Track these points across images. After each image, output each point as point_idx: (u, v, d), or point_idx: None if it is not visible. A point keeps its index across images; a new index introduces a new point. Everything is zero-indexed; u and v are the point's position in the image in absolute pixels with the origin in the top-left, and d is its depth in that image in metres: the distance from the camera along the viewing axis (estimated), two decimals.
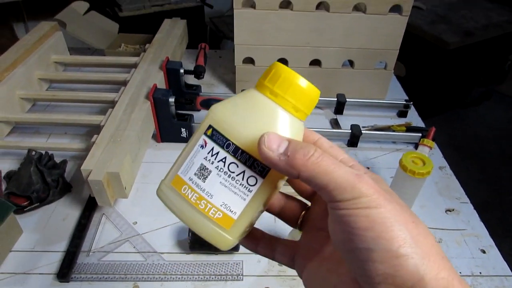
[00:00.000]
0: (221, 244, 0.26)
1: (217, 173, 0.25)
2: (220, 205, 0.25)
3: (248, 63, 1.02)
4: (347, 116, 1.01)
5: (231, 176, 0.25)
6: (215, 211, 0.25)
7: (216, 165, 0.25)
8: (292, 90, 0.25)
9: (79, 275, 0.63)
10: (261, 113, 0.25)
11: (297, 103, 0.25)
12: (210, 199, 0.25)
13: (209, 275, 0.64)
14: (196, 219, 0.25)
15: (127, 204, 0.76)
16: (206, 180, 0.25)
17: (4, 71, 0.89)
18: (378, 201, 0.21)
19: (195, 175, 0.25)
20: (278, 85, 0.25)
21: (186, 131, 0.89)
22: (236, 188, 0.25)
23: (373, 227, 0.21)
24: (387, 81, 1.04)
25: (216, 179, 0.25)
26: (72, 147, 0.82)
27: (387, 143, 0.93)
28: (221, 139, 0.25)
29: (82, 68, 1.14)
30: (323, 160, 0.22)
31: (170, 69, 0.93)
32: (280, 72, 0.25)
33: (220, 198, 0.25)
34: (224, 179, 0.25)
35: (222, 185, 0.25)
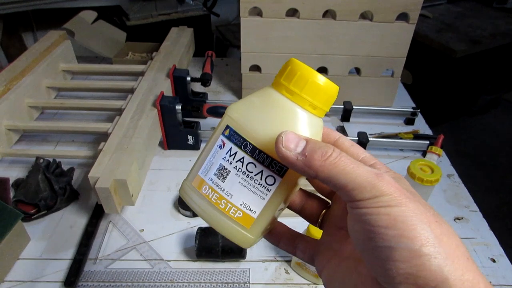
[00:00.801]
0: (242, 242, 0.26)
1: (236, 173, 0.25)
2: (240, 204, 0.25)
3: (254, 71, 1.03)
4: (354, 123, 1.01)
5: (249, 176, 0.25)
6: (235, 210, 0.25)
7: (235, 165, 0.25)
8: (308, 87, 0.24)
9: (86, 283, 0.63)
10: (278, 112, 0.25)
11: (314, 100, 0.25)
12: (230, 199, 0.25)
13: (216, 283, 0.64)
14: (217, 218, 0.26)
15: (133, 211, 0.76)
16: (225, 180, 0.25)
17: (13, 80, 0.90)
18: (400, 199, 0.21)
19: (215, 175, 0.26)
20: (294, 82, 0.24)
21: (192, 139, 0.89)
22: (255, 188, 0.25)
23: (394, 225, 0.20)
24: (394, 89, 1.04)
25: (235, 179, 0.25)
26: (79, 155, 0.82)
27: (394, 150, 0.92)
28: (239, 139, 0.25)
29: (90, 76, 1.15)
30: (341, 160, 0.22)
31: (177, 77, 0.94)
32: (296, 69, 0.24)
33: (240, 198, 0.25)
34: (243, 179, 0.25)
35: (241, 185, 0.25)
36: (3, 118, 0.83)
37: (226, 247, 0.64)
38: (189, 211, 0.74)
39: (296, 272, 0.66)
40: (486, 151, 2.21)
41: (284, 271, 0.66)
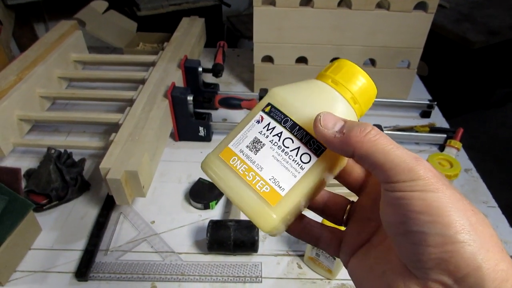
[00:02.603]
0: (263, 221, 0.24)
1: (271, 146, 0.24)
2: (269, 179, 0.24)
3: (267, 62, 1.01)
4: (368, 116, 0.99)
5: (284, 151, 0.24)
6: (262, 184, 0.24)
7: (271, 139, 0.24)
8: (353, 81, 0.25)
9: (97, 274, 0.63)
10: (321, 97, 0.25)
11: (356, 94, 0.25)
12: (259, 172, 0.24)
13: (227, 276, 0.63)
14: (240, 190, 0.24)
15: (144, 203, 0.75)
16: (258, 152, 0.24)
17: (24, 70, 0.90)
18: (437, 185, 0.20)
19: (247, 147, 0.25)
20: (340, 75, 0.25)
21: (204, 130, 0.88)
22: (288, 164, 0.24)
23: (429, 211, 0.20)
24: (410, 81, 1.01)
25: (269, 152, 0.24)
26: (90, 145, 0.82)
27: (410, 144, 0.90)
28: (279, 115, 0.25)
29: (101, 66, 1.14)
30: (381, 138, 0.22)
31: (188, 68, 0.93)
32: (343, 64, 0.26)
33: (270, 172, 0.24)
34: (277, 153, 0.24)
35: (274, 158, 0.24)
36: (15, 108, 0.83)
37: (238, 240, 0.63)
38: (200, 203, 0.73)
39: (309, 267, 0.64)
40: (502, 145, 2.16)
41: (296, 265, 0.65)
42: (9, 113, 0.81)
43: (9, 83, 0.85)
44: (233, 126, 0.94)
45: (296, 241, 0.68)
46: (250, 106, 0.84)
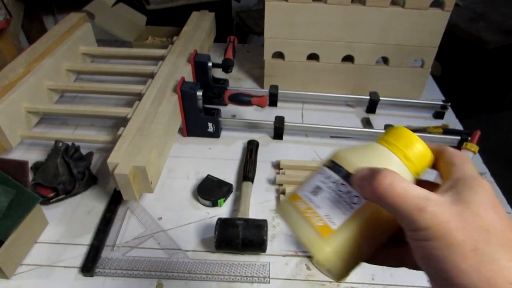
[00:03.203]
0: (316, 250, 0.27)
1: (328, 191, 0.28)
2: (324, 215, 0.28)
3: (277, 58, 0.99)
4: (380, 115, 0.97)
5: (338, 194, 0.28)
6: (318, 219, 0.28)
7: (329, 185, 0.29)
8: (404, 141, 0.28)
9: (103, 270, 0.62)
10: (374, 154, 0.29)
11: (406, 152, 0.28)
12: (317, 209, 0.28)
13: (234, 275, 0.62)
14: (300, 223, 0.28)
15: (152, 199, 0.74)
16: (317, 195, 0.29)
17: (33, 62, 0.89)
18: (437, 233, 0.22)
19: (310, 192, 0.29)
20: (391, 136, 0.29)
21: (213, 126, 0.87)
22: (340, 204, 0.28)
23: (428, 258, 0.22)
24: (423, 80, 0.99)
25: (326, 195, 0.28)
26: (98, 139, 0.81)
27: None
28: (337, 168, 0.29)
29: (110, 60, 1.13)
30: (393, 186, 0.23)
31: (198, 62, 0.91)
32: (396, 129, 0.29)
33: (326, 210, 0.28)
34: (332, 196, 0.28)
35: (329, 200, 0.28)
36: (23, 101, 0.82)
37: (247, 239, 0.62)
38: (208, 201, 0.72)
39: (318, 268, 0.63)
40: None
41: (305, 267, 0.64)
42: (17, 105, 0.81)
43: (18, 75, 0.84)
44: (243, 123, 0.92)
45: None
46: (260, 103, 0.83)
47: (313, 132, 0.89)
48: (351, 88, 1.01)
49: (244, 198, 0.71)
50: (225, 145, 0.87)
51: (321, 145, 0.88)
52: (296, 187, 0.31)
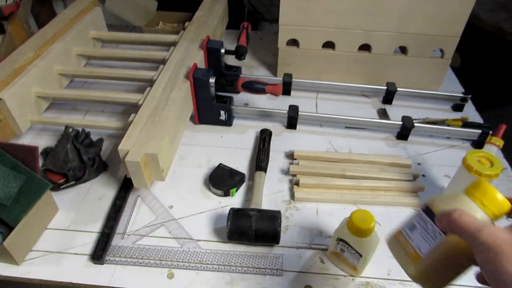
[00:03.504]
0: (407, 270, 0.39)
1: (420, 228, 0.39)
2: (415, 245, 0.39)
3: (292, 45, 0.97)
4: (396, 106, 0.95)
5: (426, 231, 0.38)
6: (411, 248, 0.39)
7: (421, 224, 0.39)
8: (482, 191, 0.36)
9: (113, 258, 0.61)
10: (456, 200, 0.37)
11: (484, 200, 0.36)
12: (410, 241, 0.39)
13: (247, 267, 0.61)
14: (399, 252, 0.40)
15: (163, 187, 0.73)
16: (412, 231, 0.39)
17: (43, 46, 0.87)
18: (492, 246, 0.30)
19: (408, 228, 0.40)
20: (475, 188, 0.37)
21: (225, 114, 0.85)
22: (427, 238, 0.37)
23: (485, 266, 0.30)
24: (442, 71, 0.96)
25: (417, 231, 0.39)
26: (109, 126, 0.80)
27: (440, 138, 0.86)
28: (430, 213, 0.38)
29: (120, 45, 1.12)
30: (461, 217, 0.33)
31: (211, 49, 0.89)
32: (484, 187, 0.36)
33: (416, 242, 0.39)
34: (422, 232, 0.38)
35: (420, 235, 0.38)
36: (32, 85, 0.81)
37: (260, 230, 0.60)
38: (220, 190, 0.70)
39: (332, 262, 0.62)
40: None
41: (319, 259, 0.62)
42: (27, 90, 0.79)
43: (27, 59, 0.83)
44: (255, 111, 0.90)
45: (319, 234, 0.65)
46: (274, 91, 0.80)
47: (327, 122, 0.87)
48: (367, 77, 0.99)
49: (257, 188, 0.70)
50: (237, 133, 0.86)
51: (336, 136, 0.86)
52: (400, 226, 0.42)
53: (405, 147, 0.84)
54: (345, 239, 0.56)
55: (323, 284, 0.59)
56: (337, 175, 0.73)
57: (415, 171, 0.75)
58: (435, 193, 0.73)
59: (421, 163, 0.80)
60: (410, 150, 0.83)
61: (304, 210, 0.69)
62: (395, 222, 0.68)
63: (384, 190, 0.72)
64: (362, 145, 0.83)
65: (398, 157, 0.79)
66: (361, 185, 0.72)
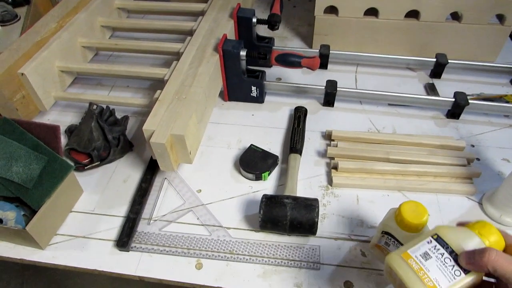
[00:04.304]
0: None
1: (436, 259, 0.38)
2: (433, 278, 0.37)
3: (329, 13, 0.88)
4: (446, 81, 0.85)
5: (444, 265, 0.37)
6: (428, 280, 0.37)
7: (436, 255, 0.38)
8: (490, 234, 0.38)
9: (139, 245, 0.58)
10: (469, 239, 0.38)
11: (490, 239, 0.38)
12: (427, 273, 0.37)
13: (281, 259, 0.56)
14: (415, 280, 0.37)
15: (190, 169, 0.68)
16: (427, 261, 0.38)
17: (65, 17, 0.83)
18: None
19: (420, 256, 0.38)
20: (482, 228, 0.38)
21: (256, 90, 0.78)
22: (446, 273, 0.37)
23: None
24: (501, 40, 0.85)
25: (434, 263, 0.38)
26: (134, 102, 0.75)
27: (497, 116, 0.76)
28: (443, 243, 0.38)
29: (147, 16, 1.06)
30: (498, 259, 0.34)
31: (241, 18, 0.82)
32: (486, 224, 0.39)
33: (434, 274, 0.37)
34: (439, 265, 0.37)
35: (437, 267, 0.37)
36: (55, 59, 0.77)
37: (295, 220, 0.55)
38: (251, 174, 0.65)
39: (375, 255, 0.56)
40: None
41: (360, 252, 0.57)
42: (49, 64, 0.76)
43: (50, 30, 0.79)
44: (289, 87, 0.82)
45: (360, 224, 0.60)
46: (311, 64, 0.73)
47: (368, 99, 0.79)
48: (414, 49, 0.89)
49: (292, 173, 0.64)
50: (269, 111, 0.79)
51: (378, 114, 0.78)
52: (405, 245, 0.40)
53: (457, 126, 0.75)
54: (392, 233, 0.50)
55: (365, 280, 0.54)
56: (380, 159, 0.66)
57: (469, 154, 0.67)
58: (492, 180, 0.65)
59: (475, 145, 0.71)
60: (463, 130, 0.74)
61: (343, 197, 0.63)
62: (446, 212, 0.61)
63: (433, 176, 0.65)
64: (408, 125, 0.75)
65: (449, 138, 0.71)
66: (407, 170, 0.65)
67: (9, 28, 1.09)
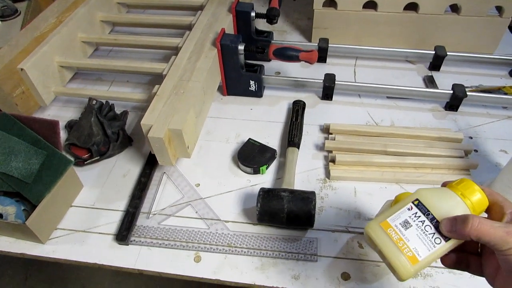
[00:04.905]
0: (403, 272, 0.36)
1: (416, 228, 0.37)
2: (413, 248, 0.37)
3: (329, 7, 0.88)
4: (446, 73, 0.85)
5: (425, 233, 0.37)
6: (408, 250, 0.37)
7: (417, 223, 0.38)
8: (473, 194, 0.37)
9: (138, 239, 0.58)
10: (451, 202, 0.37)
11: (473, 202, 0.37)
12: (407, 242, 0.37)
13: (278, 251, 0.56)
14: (393, 250, 0.37)
15: (189, 163, 0.69)
16: (407, 230, 0.37)
17: (65, 11, 0.83)
18: None
19: (400, 224, 0.38)
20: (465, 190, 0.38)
21: (255, 84, 0.79)
22: (426, 241, 0.37)
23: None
24: (500, 32, 0.85)
25: (414, 231, 0.37)
26: (133, 97, 0.75)
27: (496, 108, 0.76)
28: (424, 209, 0.38)
29: (147, 10, 1.06)
30: (481, 227, 0.33)
31: (240, 12, 0.82)
32: (469, 184, 0.38)
33: (414, 244, 0.37)
34: (419, 233, 0.37)
35: (417, 236, 0.37)
36: (55, 54, 0.77)
37: (292, 213, 0.55)
38: (249, 167, 0.66)
39: (372, 247, 0.56)
40: None
41: (357, 244, 0.57)
42: (49, 59, 0.76)
43: (49, 25, 0.79)
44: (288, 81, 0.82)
45: (357, 217, 0.60)
46: (309, 58, 0.73)
47: (367, 92, 0.79)
48: (412, 41, 0.89)
49: (289, 166, 0.64)
50: (268, 105, 0.80)
51: (376, 107, 0.78)
52: (383, 214, 0.40)
53: (455, 118, 0.75)
54: None
55: (362, 271, 0.54)
56: (378, 151, 0.67)
57: (467, 145, 0.67)
58: (490, 171, 0.65)
59: (473, 137, 0.71)
60: (461, 122, 0.74)
61: (341, 190, 0.64)
62: None
63: (431, 168, 0.65)
64: (406, 117, 0.75)
65: (447, 130, 0.71)
66: (404, 162, 0.65)
67: (9, 23, 1.10)
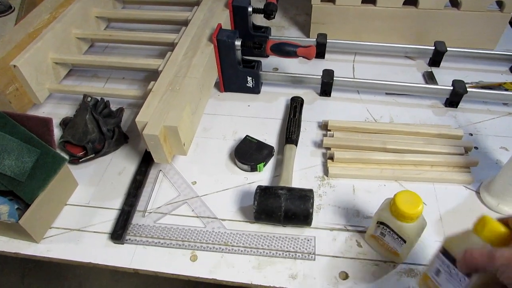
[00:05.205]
0: None
1: (444, 272, 0.40)
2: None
3: (327, 2, 0.87)
4: (445, 69, 0.84)
5: (451, 275, 0.39)
6: None
7: (444, 269, 0.40)
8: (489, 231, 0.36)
9: (134, 238, 0.57)
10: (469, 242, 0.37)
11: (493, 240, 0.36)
12: (439, 286, 0.41)
13: (276, 250, 0.56)
14: None
15: (185, 161, 0.68)
16: (438, 276, 0.41)
17: (59, 7, 0.82)
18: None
19: (434, 273, 0.42)
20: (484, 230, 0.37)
21: (252, 80, 0.78)
22: (454, 282, 0.39)
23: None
24: (500, 27, 0.84)
25: (443, 276, 0.40)
26: (129, 94, 0.74)
27: (496, 104, 0.75)
28: (448, 255, 0.39)
29: (142, 6, 1.05)
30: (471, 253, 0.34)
31: (237, 7, 0.81)
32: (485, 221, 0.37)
33: (444, 286, 0.40)
34: (448, 276, 0.40)
35: (446, 280, 0.40)
36: (49, 50, 0.76)
37: (290, 211, 0.55)
38: (246, 165, 0.65)
39: (371, 246, 0.56)
40: None
41: (355, 243, 0.56)
42: (43, 55, 0.75)
43: (43, 22, 0.78)
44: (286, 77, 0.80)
45: (356, 215, 0.59)
46: (307, 54, 0.72)
47: (366, 88, 0.78)
48: (412, 37, 0.88)
49: (287, 163, 0.63)
50: (265, 102, 0.79)
51: (375, 103, 0.77)
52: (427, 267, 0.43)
53: (455, 115, 0.74)
54: (387, 223, 0.49)
55: (361, 270, 0.53)
56: (377, 148, 0.66)
57: (467, 142, 0.66)
58: (490, 168, 0.64)
59: (473, 134, 0.70)
60: (461, 119, 0.73)
61: (339, 188, 0.63)
62: (443, 201, 0.60)
63: (430, 165, 0.64)
64: (405, 114, 0.75)
65: (447, 127, 0.70)
66: (404, 159, 0.64)
67: (3, 19, 1.08)
